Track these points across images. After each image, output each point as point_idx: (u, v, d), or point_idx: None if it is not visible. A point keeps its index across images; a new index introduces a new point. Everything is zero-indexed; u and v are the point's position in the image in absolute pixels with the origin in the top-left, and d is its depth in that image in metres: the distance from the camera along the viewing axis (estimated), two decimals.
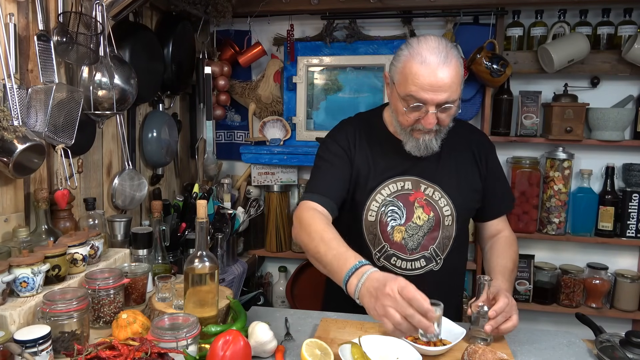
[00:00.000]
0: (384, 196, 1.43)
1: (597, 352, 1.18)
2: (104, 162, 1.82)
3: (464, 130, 1.51)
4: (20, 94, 1.32)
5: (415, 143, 1.36)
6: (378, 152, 1.46)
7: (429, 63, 1.23)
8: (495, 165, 1.51)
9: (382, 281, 1.03)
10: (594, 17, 2.28)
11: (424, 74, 1.24)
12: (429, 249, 1.43)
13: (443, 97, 1.25)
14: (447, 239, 1.44)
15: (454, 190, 1.43)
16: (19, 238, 1.30)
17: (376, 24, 2.48)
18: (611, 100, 2.32)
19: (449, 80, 1.24)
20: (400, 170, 1.44)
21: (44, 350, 0.99)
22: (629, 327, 2.39)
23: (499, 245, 1.49)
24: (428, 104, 1.26)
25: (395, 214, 1.43)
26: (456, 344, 1.17)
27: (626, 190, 2.27)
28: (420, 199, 1.43)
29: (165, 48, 2.06)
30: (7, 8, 1.33)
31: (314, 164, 1.48)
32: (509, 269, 1.40)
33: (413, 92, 1.26)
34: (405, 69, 1.28)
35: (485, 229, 1.55)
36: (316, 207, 1.35)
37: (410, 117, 1.31)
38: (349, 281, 1.10)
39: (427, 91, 1.24)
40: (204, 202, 1.16)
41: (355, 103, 2.50)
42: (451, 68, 1.24)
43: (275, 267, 2.71)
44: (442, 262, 1.44)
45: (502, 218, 1.54)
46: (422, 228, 1.42)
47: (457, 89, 1.27)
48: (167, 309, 1.24)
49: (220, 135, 2.72)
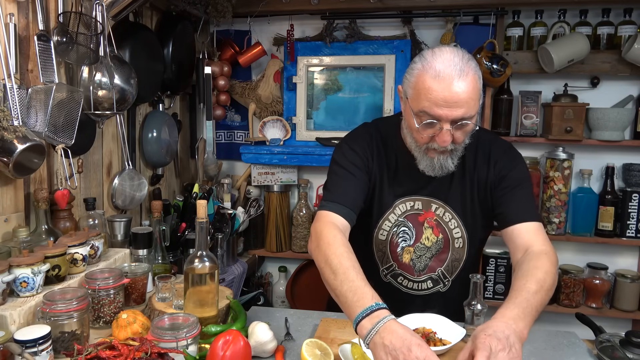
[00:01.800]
0: (397, 216, 1.39)
1: (597, 352, 1.18)
2: (104, 162, 1.82)
3: (484, 141, 1.39)
4: (20, 94, 1.32)
5: (430, 162, 1.28)
6: (392, 168, 1.39)
7: (444, 77, 1.15)
8: (515, 176, 1.35)
9: (403, 340, 0.92)
10: (594, 17, 2.28)
11: (438, 88, 1.15)
12: (436, 270, 1.41)
13: (459, 113, 1.16)
14: (457, 261, 1.40)
15: (465, 212, 1.38)
16: (19, 238, 1.30)
17: (376, 24, 2.48)
18: (611, 100, 2.32)
19: (465, 95, 1.15)
20: (413, 189, 1.38)
21: (44, 350, 0.99)
22: (629, 327, 2.39)
23: (523, 265, 1.18)
24: (442, 121, 1.17)
25: (405, 234, 1.40)
26: (456, 344, 1.17)
27: (626, 190, 2.27)
28: (430, 219, 1.39)
29: (165, 48, 2.06)
30: (7, 8, 1.33)
31: (331, 169, 1.39)
32: (527, 291, 1.07)
33: (426, 107, 1.17)
34: (418, 84, 1.19)
35: (510, 240, 1.30)
36: (336, 220, 1.26)
37: (424, 135, 1.22)
38: (360, 323, 0.99)
39: (441, 107, 1.16)
40: (204, 202, 1.16)
41: (355, 103, 2.50)
42: (467, 82, 1.15)
43: (275, 267, 2.71)
44: (450, 283, 1.42)
45: (530, 229, 1.27)
46: (430, 249, 1.40)
47: (474, 105, 1.18)
48: (167, 309, 1.24)
49: (220, 135, 2.72)
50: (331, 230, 1.21)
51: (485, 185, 1.37)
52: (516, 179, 1.34)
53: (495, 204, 1.35)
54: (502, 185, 1.34)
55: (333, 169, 1.38)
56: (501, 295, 2.39)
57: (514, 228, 1.28)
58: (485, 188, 1.37)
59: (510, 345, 0.92)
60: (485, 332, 0.94)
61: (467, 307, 1.24)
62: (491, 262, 2.39)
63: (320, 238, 1.19)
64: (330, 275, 1.12)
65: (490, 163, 1.36)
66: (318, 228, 1.23)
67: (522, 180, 1.35)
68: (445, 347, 1.15)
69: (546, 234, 1.30)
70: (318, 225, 1.24)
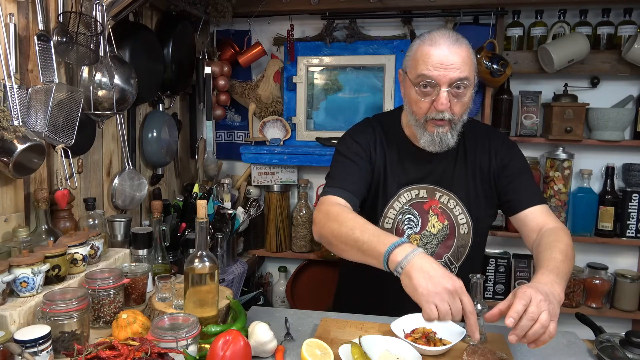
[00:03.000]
0: (401, 204, 1.42)
1: (597, 352, 1.18)
2: (104, 162, 1.82)
3: (482, 132, 1.47)
4: (20, 94, 1.32)
5: (430, 137, 1.32)
6: (395, 158, 1.44)
7: (440, 43, 1.26)
8: (517, 164, 1.42)
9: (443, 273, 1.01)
10: (594, 17, 2.28)
11: (435, 53, 1.25)
12: (443, 257, 1.43)
13: (455, 74, 1.24)
14: (463, 247, 1.43)
15: (469, 198, 1.42)
16: (19, 238, 1.30)
17: (376, 24, 2.48)
18: (611, 100, 2.32)
19: (460, 58, 1.25)
20: (417, 177, 1.42)
21: (44, 350, 0.99)
22: (629, 327, 2.39)
23: (543, 239, 1.26)
24: (440, 83, 1.25)
25: (411, 222, 1.43)
26: (456, 344, 1.17)
27: (626, 190, 2.27)
28: (435, 207, 1.42)
29: (165, 48, 2.06)
30: (7, 8, 1.33)
31: (334, 158, 1.44)
32: (555, 259, 1.15)
33: (424, 71, 1.26)
34: (417, 53, 1.29)
35: (524, 224, 1.37)
36: (340, 201, 1.30)
37: (424, 103, 1.29)
38: (392, 253, 1.05)
39: (437, 68, 1.24)
40: (204, 202, 1.16)
41: (355, 103, 2.50)
42: (462, 49, 1.26)
43: (275, 267, 2.71)
44: (456, 270, 1.43)
45: (541, 211, 1.35)
46: (436, 236, 1.42)
47: (469, 70, 1.27)
48: (167, 309, 1.24)
49: (220, 135, 2.72)
50: (336, 206, 1.26)
51: (488, 175, 1.43)
52: (518, 167, 1.42)
53: (502, 192, 1.42)
54: (505, 174, 1.41)
55: (336, 158, 1.43)
56: (501, 295, 2.39)
57: (526, 213, 1.36)
58: (489, 177, 1.43)
59: (549, 300, 0.99)
60: (529, 287, 1.01)
61: None
62: (491, 262, 2.39)
63: (328, 213, 1.24)
64: (348, 232, 1.16)
65: (490, 153, 1.43)
66: (323, 208, 1.27)
67: (523, 167, 1.43)
68: (445, 347, 1.15)
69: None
70: (323, 208, 1.28)
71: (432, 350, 1.14)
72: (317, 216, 1.29)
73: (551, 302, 1.00)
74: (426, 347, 1.14)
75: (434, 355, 1.16)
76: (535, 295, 0.99)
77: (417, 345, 1.14)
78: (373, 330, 1.28)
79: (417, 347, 1.14)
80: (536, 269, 1.15)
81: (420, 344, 1.15)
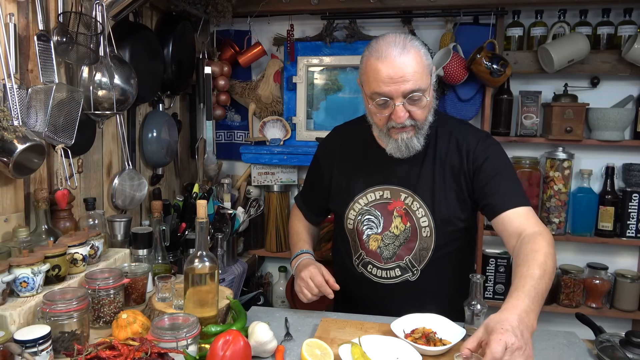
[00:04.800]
0: (362, 205, 1.45)
1: (597, 352, 1.18)
2: (104, 162, 1.82)
3: (456, 131, 1.41)
4: (20, 94, 1.32)
5: (395, 144, 1.33)
6: (360, 162, 1.46)
7: (386, 56, 1.23)
8: (492, 164, 1.35)
9: (300, 268, 1.47)
10: (594, 17, 2.28)
11: (382, 68, 1.23)
12: (404, 259, 1.42)
13: (407, 87, 1.23)
14: (425, 250, 1.40)
15: (434, 200, 1.38)
16: (19, 238, 1.30)
17: (376, 24, 2.48)
18: (611, 100, 2.32)
19: (409, 69, 1.23)
20: (381, 178, 1.43)
21: (44, 350, 0.99)
22: (629, 327, 2.39)
23: (522, 248, 1.19)
24: (393, 97, 1.25)
25: (371, 222, 1.44)
26: (456, 344, 1.17)
27: (626, 190, 2.27)
28: (399, 208, 1.41)
29: (165, 48, 2.06)
30: (7, 8, 1.33)
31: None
32: (532, 277, 1.08)
33: (376, 88, 1.26)
34: (367, 68, 1.29)
35: (503, 229, 1.29)
36: (299, 213, 1.69)
37: (382, 116, 1.30)
38: (292, 261, 1.55)
39: (388, 84, 1.23)
40: (204, 202, 1.16)
41: (355, 103, 2.50)
42: (409, 57, 1.23)
43: (275, 267, 2.71)
44: (419, 273, 1.42)
45: (519, 213, 1.27)
46: (398, 238, 1.42)
47: (421, 78, 1.25)
48: (167, 309, 1.24)
49: (220, 135, 2.72)
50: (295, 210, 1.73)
51: (459, 175, 1.37)
52: (493, 168, 1.34)
53: (479, 197, 1.35)
54: (480, 177, 1.35)
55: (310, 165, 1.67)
56: (501, 295, 2.39)
57: (503, 216, 1.28)
58: (459, 177, 1.37)
59: (525, 344, 0.93)
60: (503, 326, 0.93)
61: (467, 307, 1.24)
62: (491, 262, 2.39)
63: (291, 216, 1.75)
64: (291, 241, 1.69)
65: (462, 153, 1.37)
66: (292, 209, 1.77)
67: (501, 167, 1.35)
68: (445, 347, 1.15)
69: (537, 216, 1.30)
70: (291, 216, 1.77)
71: (432, 350, 1.14)
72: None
73: (527, 344, 0.93)
74: (426, 347, 1.14)
75: (434, 355, 1.16)
76: (509, 340, 0.91)
77: (417, 345, 1.14)
78: (373, 330, 1.28)
79: (417, 347, 1.14)
80: (511, 287, 1.07)
81: (420, 344, 1.15)
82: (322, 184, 1.55)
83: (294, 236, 1.65)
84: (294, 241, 1.63)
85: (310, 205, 1.67)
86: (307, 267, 1.42)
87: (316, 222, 1.71)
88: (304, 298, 1.40)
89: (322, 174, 1.55)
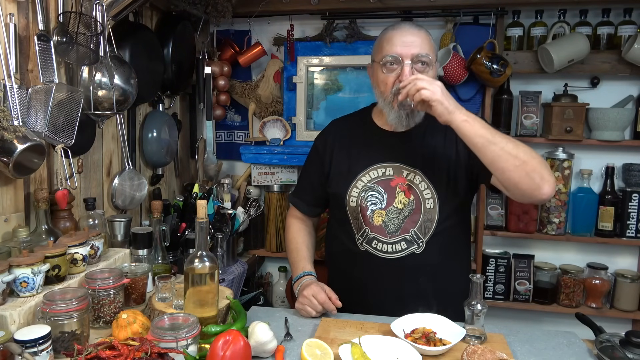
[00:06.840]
0: (364, 182, 1.49)
1: (597, 352, 1.18)
2: (104, 162, 1.82)
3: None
4: (20, 94, 1.32)
5: (397, 114, 1.41)
6: (361, 145, 1.53)
7: (400, 28, 1.42)
8: None
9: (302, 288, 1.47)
10: (594, 17, 2.28)
11: (396, 34, 1.40)
12: (409, 231, 1.44)
13: (416, 50, 1.37)
14: (430, 222, 1.44)
15: (434, 173, 1.45)
16: (19, 238, 1.30)
17: (376, 24, 2.48)
18: (611, 100, 2.32)
19: (420, 38, 1.39)
20: (382, 157, 1.49)
21: (44, 350, 0.99)
22: (629, 327, 2.39)
23: None
24: (403, 57, 1.37)
25: (375, 198, 1.47)
26: (456, 344, 1.17)
27: (626, 190, 2.27)
28: (402, 184, 1.46)
29: (165, 48, 2.06)
30: (7, 8, 1.33)
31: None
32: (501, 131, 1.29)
33: (388, 51, 1.39)
34: (381, 39, 1.44)
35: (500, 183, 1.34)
36: (296, 213, 1.71)
37: (390, 78, 1.39)
38: (294, 284, 1.54)
39: (399, 46, 1.38)
40: (204, 202, 1.16)
41: (355, 103, 2.50)
42: (421, 31, 1.41)
43: (275, 267, 2.71)
44: (424, 245, 1.44)
45: None
46: (402, 212, 1.45)
47: (430, 50, 1.39)
48: (167, 309, 1.24)
49: (220, 135, 2.72)
50: (290, 219, 1.73)
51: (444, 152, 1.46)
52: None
53: (473, 165, 1.40)
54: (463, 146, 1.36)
55: (304, 164, 1.71)
56: (501, 295, 2.40)
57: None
58: (445, 154, 1.46)
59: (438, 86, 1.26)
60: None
61: (467, 307, 1.24)
62: (491, 262, 2.39)
63: (286, 225, 1.74)
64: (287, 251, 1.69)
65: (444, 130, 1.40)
66: (286, 219, 1.76)
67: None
68: (445, 347, 1.15)
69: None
70: (287, 216, 1.77)
71: (432, 350, 1.15)
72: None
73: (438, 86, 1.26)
74: (426, 347, 1.14)
75: (434, 355, 1.16)
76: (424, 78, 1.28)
77: (417, 345, 1.14)
78: (373, 330, 1.28)
79: (417, 347, 1.14)
80: None
81: (420, 344, 1.15)
82: (322, 171, 1.59)
83: (293, 253, 1.64)
84: (293, 259, 1.62)
85: (307, 197, 1.67)
86: (309, 286, 1.44)
87: (314, 213, 1.71)
88: (307, 315, 1.41)
89: (321, 161, 1.59)
